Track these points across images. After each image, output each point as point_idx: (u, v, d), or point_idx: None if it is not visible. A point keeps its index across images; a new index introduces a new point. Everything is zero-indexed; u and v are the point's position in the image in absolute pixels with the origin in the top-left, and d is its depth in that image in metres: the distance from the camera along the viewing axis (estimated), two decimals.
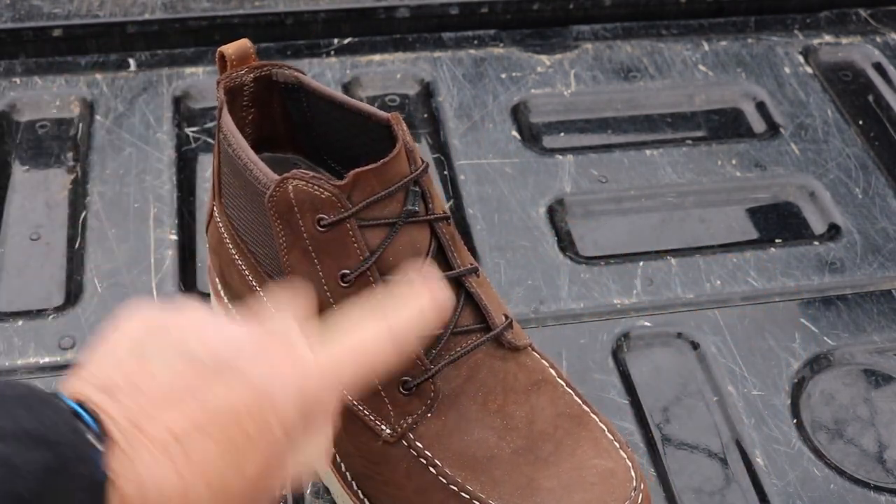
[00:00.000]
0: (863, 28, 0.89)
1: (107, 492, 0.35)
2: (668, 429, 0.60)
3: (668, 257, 0.70)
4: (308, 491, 0.57)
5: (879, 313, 0.67)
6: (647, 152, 0.77)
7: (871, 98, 0.84)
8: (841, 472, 0.59)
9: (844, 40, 0.88)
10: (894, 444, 0.61)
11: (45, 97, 0.79)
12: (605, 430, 0.51)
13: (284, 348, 0.39)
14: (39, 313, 0.65)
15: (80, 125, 0.78)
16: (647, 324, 0.65)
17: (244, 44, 0.54)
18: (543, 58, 0.85)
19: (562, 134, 0.80)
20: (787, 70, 0.85)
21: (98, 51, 0.83)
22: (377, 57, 0.84)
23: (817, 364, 0.64)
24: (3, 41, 0.82)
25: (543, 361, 0.53)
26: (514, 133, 0.78)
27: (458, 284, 0.51)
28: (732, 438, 0.60)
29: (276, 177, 0.49)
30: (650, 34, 0.88)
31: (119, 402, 0.36)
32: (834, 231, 0.73)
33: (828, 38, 0.88)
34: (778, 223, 0.74)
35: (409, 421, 0.50)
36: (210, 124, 0.78)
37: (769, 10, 0.91)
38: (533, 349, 0.53)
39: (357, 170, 0.49)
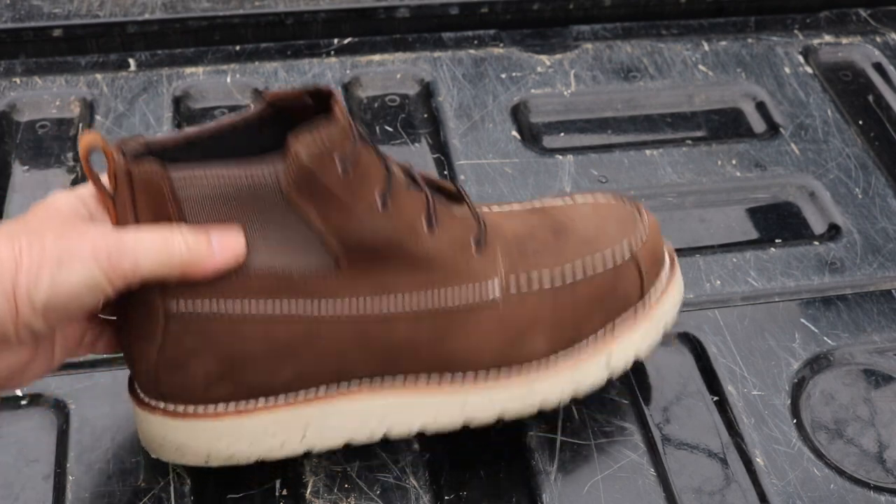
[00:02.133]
0: (863, 28, 0.90)
1: None
2: (668, 429, 0.60)
3: None
4: (308, 491, 0.57)
5: (879, 313, 0.67)
6: (647, 152, 0.77)
7: (871, 98, 0.84)
8: (841, 472, 0.59)
9: (844, 40, 0.88)
10: (894, 444, 0.61)
11: (45, 97, 0.79)
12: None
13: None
14: None
15: (81, 125, 0.78)
16: None
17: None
18: (543, 58, 0.85)
19: (562, 134, 0.80)
20: (787, 70, 0.85)
21: (98, 51, 0.84)
22: (377, 57, 0.84)
23: (817, 364, 0.64)
24: (3, 41, 0.83)
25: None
26: (514, 133, 0.78)
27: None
28: (732, 438, 0.60)
29: (277, 164, 0.48)
30: (650, 34, 0.88)
31: None
32: (834, 231, 0.73)
33: (828, 38, 0.88)
34: (778, 223, 0.74)
35: (503, 269, 0.54)
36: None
37: (769, 10, 0.91)
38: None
39: (331, 103, 0.49)
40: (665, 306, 0.59)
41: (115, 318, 0.53)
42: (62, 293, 0.46)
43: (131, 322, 0.51)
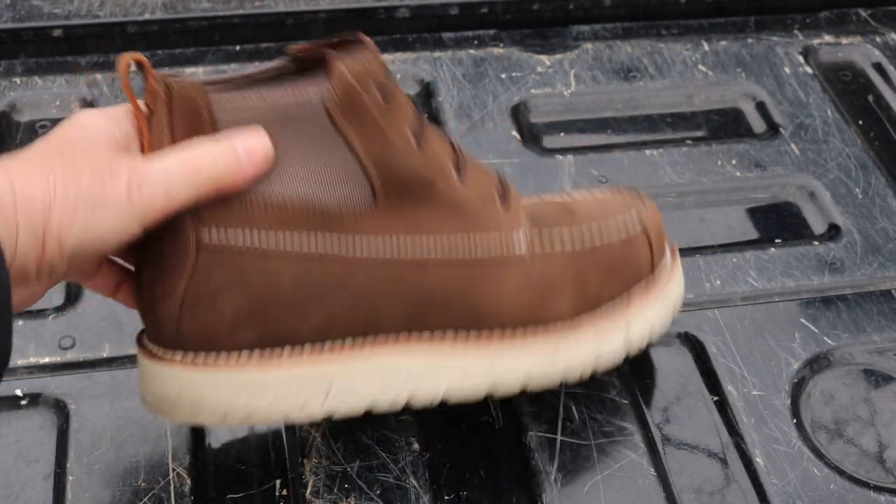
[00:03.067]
0: (863, 28, 0.90)
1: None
2: (668, 429, 0.60)
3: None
4: (308, 491, 0.57)
5: (879, 313, 0.67)
6: (647, 152, 0.77)
7: (871, 98, 0.84)
8: (841, 472, 0.59)
9: (844, 40, 0.88)
10: (894, 444, 0.61)
11: (45, 97, 0.79)
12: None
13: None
14: (39, 313, 0.65)
15: None
16: None
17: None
18: (543, 58, 0.85)
19: (562, 134, 0.80)
20: (787, 70, 0.85)
21: (98, 51, 0.84)
22: None
23: (817, 364, 0.64)
24: (3, 41, 0.83)
25: None
26: (514, 133, 0.78)
27: None
28: (732, 438, 0.60)
29: (321, 84, 0.48)
30: (650, 34, 0.88)
31: None
32: (834, 231, 0.73)
33: (828, 38, 0.88)
34: (778, 223, 0.74)
35: (526, 225, 0.55)
36: None
37: (769, 10, 0.91)
38: None
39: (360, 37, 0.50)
40: (672, 286, 0.60)
41: (135, 262, 0.52)
42: (93, 238, 0.46)
43: (159, 255, 0.50)
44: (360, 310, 0.52)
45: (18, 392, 0.60)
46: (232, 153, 0.48)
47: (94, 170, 0.46)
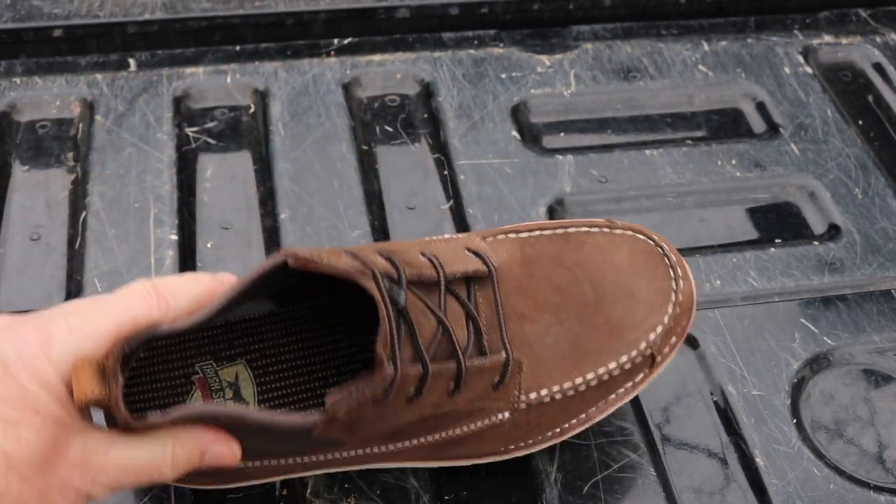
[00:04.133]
0: (863, 28, 0.90)
1: None
2: (668, 429, 0.60)
3: None
4: (308, 491, 0.57)
5: (879, 313, 0.67)
6: (647, 152, 0.77)
7: (870, 98, 0.84)
8: (841, 472, 0.59)
9: (844, 40, 0.88)
10: (894, 444, 0.61)
11: (45, 97, 0.79)
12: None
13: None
14: None
15: (80, 125, 0.78)
16: None
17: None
18: (543, 58, 0.85)
19: (562, 134, 0.80)
20: (787, 70, 0.85)
21: (98, 51, 0.84)
22: (377, 57, 0.84)
23: (817, 364, 0.64)
24: (3, 41, 0.83)
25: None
26: (514, 133, 0.78)
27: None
28: (732, 438, 0.60)
29: (312, 417, 0.48)
30: (650, 34, 0.88)
31: None
32: (834, 231, 0.73)
33: (828, 38, 0.88)
34: (778, 223, 0.74)
35: (517, 395, 0.53)
36: (210, 124, 0.78)
37: (769, 10, 0.91)
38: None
39: (377, 346, 0.47)
40: (661, 369, 0.57)
41: None
42: None
43: None
44: (323, 458, 0.54)
45: None
46: (196, 461, 0.47)
47: (57, 465, 0.44)
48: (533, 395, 0.54)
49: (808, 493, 0.57)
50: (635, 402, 0.61)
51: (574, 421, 0.56)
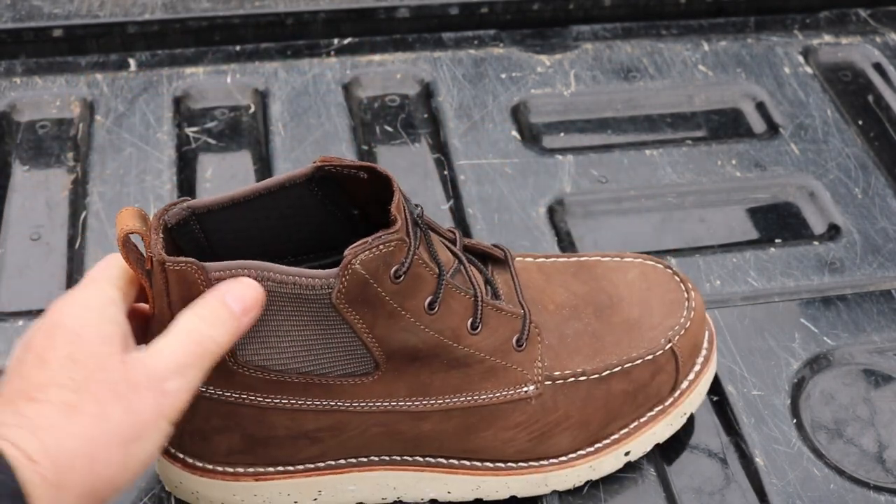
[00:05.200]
0: (863, 28, 0.90)
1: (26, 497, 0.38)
2: None
3: (668, 257, 0.70)
4: None
5: (879, 313, 0.67)
6: (647, 152, 0.77)
7: (870, 98, 0.84)
8: (841, 472, 0.59)
9: (844, 40, 0.88)
10: (894, 444, 0.61)
11: (45, 97, 0.79)
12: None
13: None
14: (40, 313, 0.64)
15: (81, 125, 0.78)
16: None
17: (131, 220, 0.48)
18: (543, 58, 0.85)
19: (562, 134, 0.80)
20: (786, 70, 0.85)
21: (98, 51, 0.84)
22: (377, 57, 0.84)
23: (817, 364, 0.64)
24: (4, 41, 0.83)
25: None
26: (514, 133, 0.78)
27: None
28: (732, 438, 0.60)
29: (332, 271, 0.47)
30: (650, 34, 0.88)
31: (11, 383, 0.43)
32: (834, 231, 0.73)
33: (828, 38, 0.88)
34: (778, 223, 0.74)
35: (541, 366, 0.53)
36: (210, 124, 0.78)
37: (769, 10, 0.91)
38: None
39: (391, 208, 0.48)
40: (694, 396, 0.58)
41: None
42: (133, 468, 0.44)
43: None
44: (353, 447, 0.53)
45: None
46: (227, 314, 0.46)
47: (116, 394, 0.43)
48: (557, 373, 0.53)
49: (808, 493, 0.57)
50: None
51: (603, 426, 0.55)
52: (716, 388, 0.62)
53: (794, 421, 0.61)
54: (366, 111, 0.80)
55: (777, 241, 0.72)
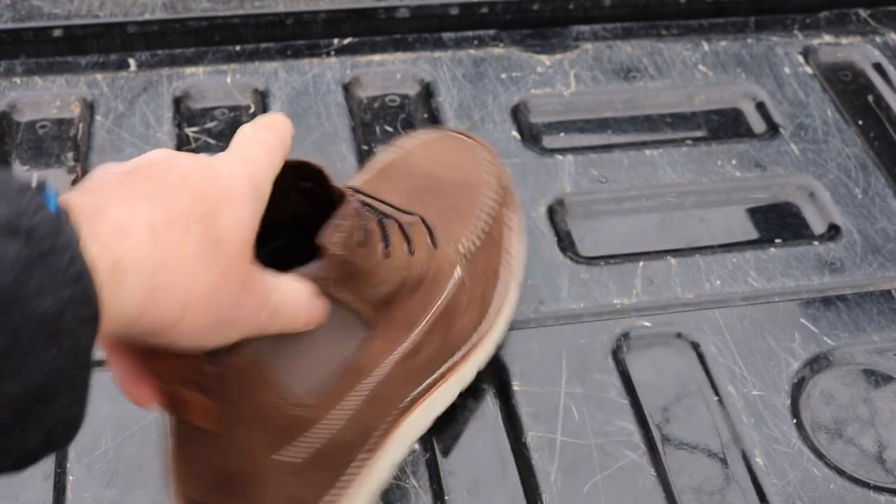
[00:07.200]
0: (863, 28, 0.90)
1: (91, 280, 0.34)
2: (668, 429, 0.60)
3: (668, 257, 0.70)
4: None
5: (879, 313, 0.67)
6: (647, 152, 0.77)
7: (870, 98, 0.84)
8: (841, 472, 0.59)
9: (844, 40, 0.88)
10: (894, 444, 0.61)
11: (45, 97, 0.79)
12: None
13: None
14: None
15: (81, 125, 0.78)
16: (646, 324, 0.65)
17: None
18: (543, 58, 0.85)
19: (562, 134, 0.80)
20: (786, 70, 0.85)
21: (98, 51, 0.84)
22: (377, 57, 0.84)
23: (817, 364, 0.64)
24: (3, 41, 0.83)
25: None
26: (514, 133, 0.78)
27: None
28: (732, 438, 0.60)
29: (311, 267, 0.47)
30: (650, 34, 0.88)
31: (91, 194, 0.40)
32: (834, 231, 0.73)
33: (828, 38, 0.88)
34: (778, 223, 0.74)
35: (453, 247, 0.59)
36: (210, 124, 0.78)
37: (769, 10, 0.91)
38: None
39: (331, 183, 0.49)
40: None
41: None
42: (206, 343, 0.42)
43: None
44: (385, 411, 0.55)
45: None
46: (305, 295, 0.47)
47: (233, 279, 0.40)
48: (461, 246, 0.59)
49: (808, 493, 0.57)
50: (635, 402, 0.61)
51: (502, 263, 0.62)
52: (716, 388, 0.62)
53: (794, 421, 0.61)
54: (366, 111, 0.80)
55: (777, 241, 0.72)
